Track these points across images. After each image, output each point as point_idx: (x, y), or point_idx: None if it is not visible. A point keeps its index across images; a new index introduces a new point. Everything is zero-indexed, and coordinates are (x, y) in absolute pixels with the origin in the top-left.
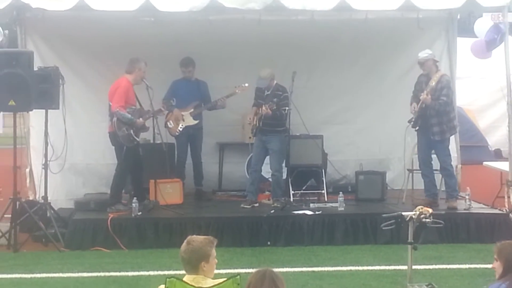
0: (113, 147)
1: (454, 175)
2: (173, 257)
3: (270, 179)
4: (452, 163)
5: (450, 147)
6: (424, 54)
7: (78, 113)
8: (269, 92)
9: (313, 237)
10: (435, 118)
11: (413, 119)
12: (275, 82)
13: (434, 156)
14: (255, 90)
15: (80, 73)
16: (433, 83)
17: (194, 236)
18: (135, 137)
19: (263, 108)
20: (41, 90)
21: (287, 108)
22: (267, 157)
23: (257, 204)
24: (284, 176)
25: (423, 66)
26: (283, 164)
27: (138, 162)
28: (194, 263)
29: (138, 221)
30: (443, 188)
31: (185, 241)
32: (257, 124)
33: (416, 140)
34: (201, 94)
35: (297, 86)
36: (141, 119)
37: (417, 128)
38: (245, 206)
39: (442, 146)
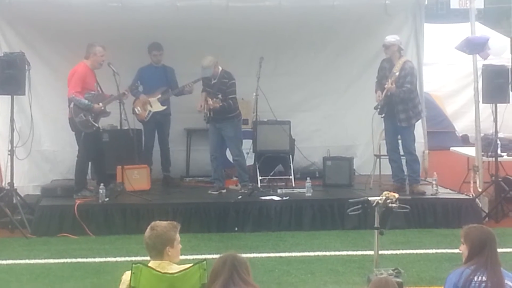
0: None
1: (418, 160)
2: (140, 243)
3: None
4: (416, 148)
5: (417, 132)
6: (391, 38)
7: (44, 100)
8: (215, 80)
9: (281, 222)
10: (400, 105)
11: (379, 106)
12: (220, 68)
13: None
14: (201, 79)
15: (47, 59)
16: (396, 70)
17: (158, 221)
18: (94, 123)
19: (210, 102)
20: (6, 75)
21: (234, 96)
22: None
23: (224, 190)
24: (252, 161)
25: (387, 49)
26: (250, 151)
27: (99, 148)
28: (159, 248)
29: (105, 207)
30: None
31: (149, 227)
32: (208, 114)
33: (383, 126)
34: (168, 80)
35: (264, 72)
36: (100, 104)
37: (383, 115)
38: (213, 192)
39: (408, 132)
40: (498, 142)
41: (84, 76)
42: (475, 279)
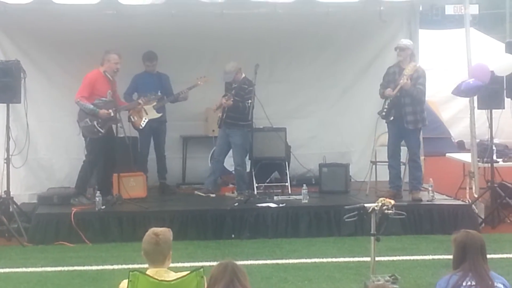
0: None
1: (421, 168)
2: (137, 251)
3: (234, 172)
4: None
5: None
6: (406, 41)
7: (40, 108)
8: (236, 85)
9: (277, 229)
10: (410, 107)
11: (384, 111)
12: (243, 75)
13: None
14: (224, 83)
15: (42, 67)
16: (408, 71)
17: (156, 228)
18: (99, 129)
19: (223, 100)
20: (2, 84)
21: (250, 101)
22: (231, 150)
23: (213, 195)
24: (248, 169)
25: (402, 51)
26: (246, 158)
27: (106, 155)
28: (166, 253)
29: (101, 215)
30: (406, 180)
31: (151, 233)
32: (221, 116)
33: (379, 132)
34: (163, 87)
35: (260, 79)
36: (110, 110)
37: (391, 118)
38: (200, 194)
39: (414, 137)
40: (494, 148)
41: (94, 82)
42: (464, 284)
